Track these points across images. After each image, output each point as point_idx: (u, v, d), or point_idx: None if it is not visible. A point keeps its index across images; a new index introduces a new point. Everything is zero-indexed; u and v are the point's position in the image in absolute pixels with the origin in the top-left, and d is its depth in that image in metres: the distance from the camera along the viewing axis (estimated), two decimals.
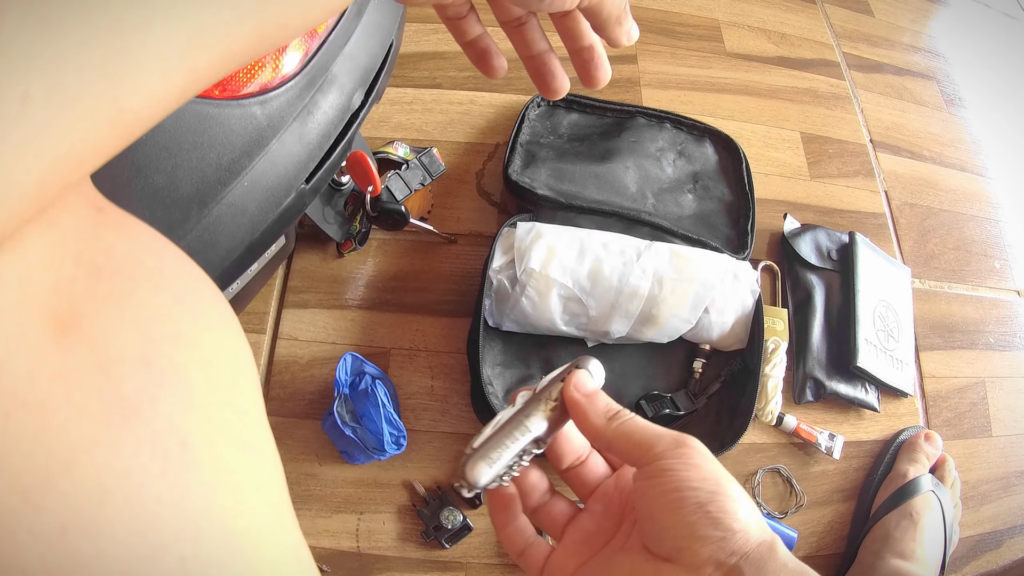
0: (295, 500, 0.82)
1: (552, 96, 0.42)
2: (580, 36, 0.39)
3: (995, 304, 1.20)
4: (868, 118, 1.34)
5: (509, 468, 0.40)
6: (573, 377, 0.40)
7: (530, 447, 0.40)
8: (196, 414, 0.25)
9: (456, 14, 0.40)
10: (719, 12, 1.39)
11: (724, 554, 0.33)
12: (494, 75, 0.42)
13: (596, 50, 0.39)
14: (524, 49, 0.41)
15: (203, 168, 0.53)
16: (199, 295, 0.28)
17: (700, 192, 1.07)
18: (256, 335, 0.92)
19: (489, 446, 0.39)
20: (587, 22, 0.38)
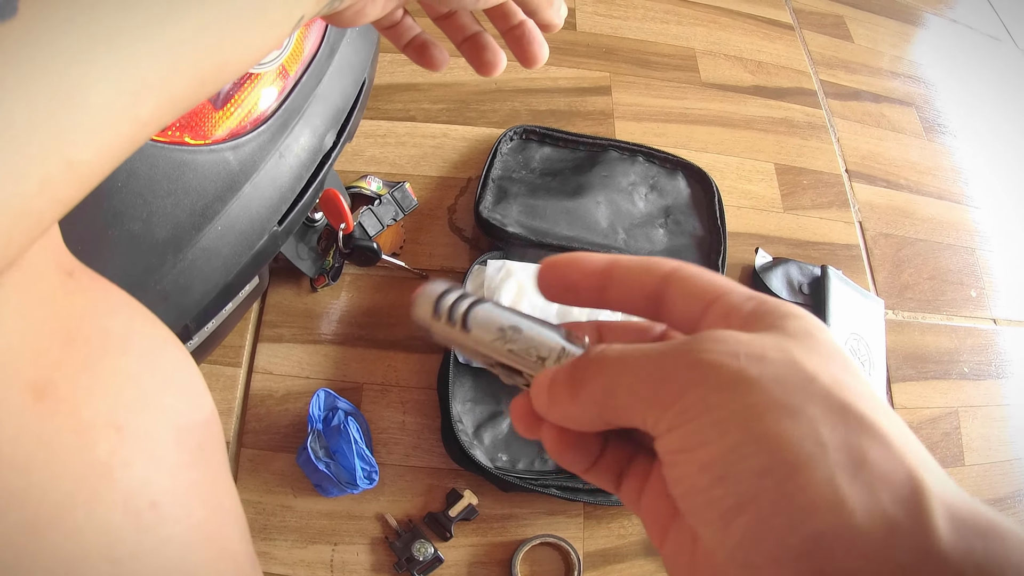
0: (272, 531, 0.84)
1: (488, 72, 0.42)
2: (511, 15, 0.40)
3: (970, 333, 1.21)
4: (844, 147, 1.35)
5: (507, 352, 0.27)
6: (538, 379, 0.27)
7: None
8: (165, 475, 0.27)
9: (391, 22, 0.41)
10: (695, 41, 1.40)
11: None
12: (437, 67, 0.42)
13: (528, 25, 0.40)
14: (458, 35, 0.42)
15: (177, 214, 0.55)
16: (165, 357, 0.30)
17: (671, 227, 1.08)
18: (232, 368, 0.93)
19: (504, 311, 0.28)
20: (515, 6, 0.39)
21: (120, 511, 0.25)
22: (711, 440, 0.20)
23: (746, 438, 0.19)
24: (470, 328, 0.27)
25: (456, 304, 0.27)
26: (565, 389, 0.24)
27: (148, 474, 0.26)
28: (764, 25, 1.49)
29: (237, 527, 0.31)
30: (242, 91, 0.60)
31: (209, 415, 0.31)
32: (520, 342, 0.27)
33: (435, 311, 0.27)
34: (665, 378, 0.21)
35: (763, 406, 0.20)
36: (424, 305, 0.28)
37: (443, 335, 0.28)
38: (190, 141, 0.56)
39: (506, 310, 0.27)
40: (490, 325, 0.27)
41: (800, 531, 0.18)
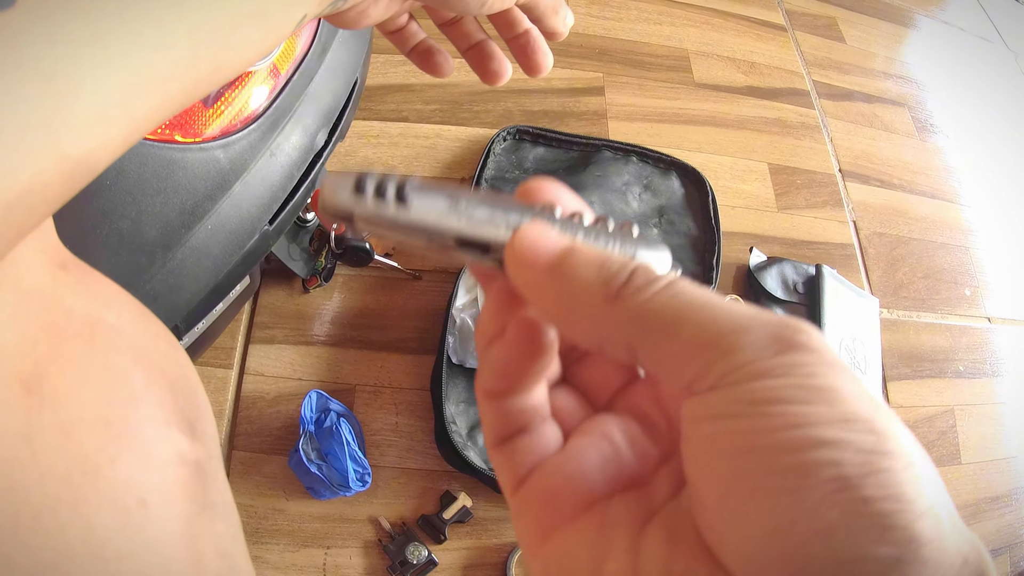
0: (263, 534, 0.83)
1: (494, 81, 0.41)
2: (516, 24, 0.40)
3: (965, 332, 1.21)
4: (837, 147, 1.35)
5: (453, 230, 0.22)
6: (529, 233, 0.21)
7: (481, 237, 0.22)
8: (154, 472, 0.26)
9: (396, 27, 0.41)
10: (688, 42, 1.40)
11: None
12: (441, 74, 0.42)
13: (533, 34, 0.40)
14: (463, 42, 0.41)
15: (167, 213, 0.54)
16: (157, 352, 0.29)
17: (666, 226, 1.08)
18: (223, 370, 0.93)
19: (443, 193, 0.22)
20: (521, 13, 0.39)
21: (107, 509, 0.24)
22: (799, 400, 0.16)
23: (855, 414, 0.16)
24: (409, 201, 0.22)
25: (385, 180, 0.22)
26: (598, 285, 0.20)
27: (137, 471, 0.26)
28: (757, 26, 1.49)
29: (228, 526, 0.30)
30: (233, 89, 0.60)
31: (202, 412, 0.31)
32: (482, 209, 0.22)
33: (358, 189, 0.22)
34: (764, 329, 0.18)
35: (874, 399, 0.17)
36: (342, 187, 0.22)
37: (372, 218, 0.22)
38: (180, 139, 0.56)
39: (430, 184, 0.22)
40: (435, 195, 0.22)
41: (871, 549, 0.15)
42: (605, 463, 0.22)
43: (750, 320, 0.18)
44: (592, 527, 0.21)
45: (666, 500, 0.21)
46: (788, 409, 0.16)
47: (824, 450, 0.16)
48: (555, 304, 0.21)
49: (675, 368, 0.19)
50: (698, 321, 0.18)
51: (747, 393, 0.17)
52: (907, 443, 0.16)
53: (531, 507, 0.22)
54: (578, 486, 0.22)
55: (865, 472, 0.15)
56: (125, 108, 0.23)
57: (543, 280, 0.20)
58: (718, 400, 0.18)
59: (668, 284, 0.19)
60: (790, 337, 0.18)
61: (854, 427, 0.16)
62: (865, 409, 0.17)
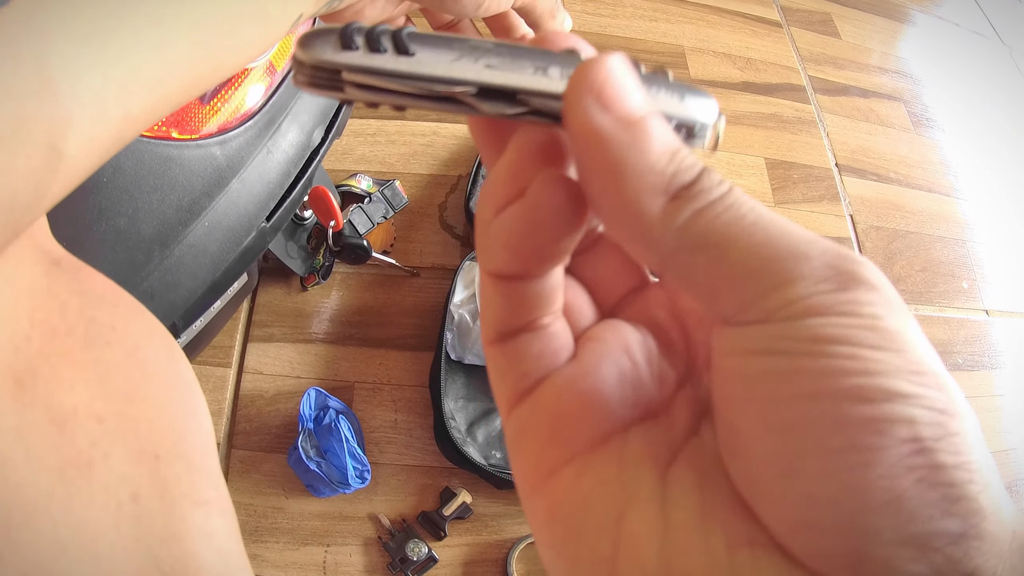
0: (263, 533, 0.83)
1: None
2: (512, 29, 0.40)
3: (963, 324, 1.21)
4: (834, 142, 1.35)
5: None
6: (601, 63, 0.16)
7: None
8: (147, 467, 0.26)
9: None
10: (684, 38, 1.40)
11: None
12: None
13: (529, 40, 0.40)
14: None
15: (164, 210, 0.54)
16: (150, 348, 0.29)
17: None
18: (222, 369, 0.92)
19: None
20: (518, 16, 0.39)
21: (100, 505, 0.24)
22: (868, 344, 0.14)
23: (925, 365, 0.14)
24: (412, 50, 0.17)
25: (376, 30, 0.17)
26: (663, 176, 0.16)
27: (130, 467, 0.25)
28: (752, 22, 1.49)
29: (225, 522, 0.30)
30: (229, 87, 0.60)
31: (197, 407, 0.31)
32: (499, 56, 0.17)
33: (345, 43, 0.17)
34: (823, 258, 0.15)
35: (933, 350, 0.15)
36: (323, 40, 0.17)
37: (367, 73, 0.17)
38: (177, 136, 0.56)
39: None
40: (442, 41, 0.17)
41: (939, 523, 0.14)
42: (623, 383, 0.19)
43: (809, 245, 0.15)
44: (610, 464, 0.18)
45: (686, 436, 0.19)
46: (858, 351, 0.14)
47: (899, 404, 0.14)
48: (607, 171, 0.16)
49: (717, 293, 0.16)
50: (750, 242, 0.15)
51: (808, 330, 0.15)
52: (965, 403, 0.15)
53: (536, 431, 0.19)
54: (595, 410, 0.19)
55: (939, 435, 0.14)
56: (121, 106, 0.23)
57: (615, 135, 0.16)
58: (770, 335, 0.15)
59: (725, 194, 0.16)
60: (854, 271, 0.15)
61: (926, 380, 0.14)
62: (932, 360, 0.15)
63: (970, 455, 0.14)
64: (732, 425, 0.16)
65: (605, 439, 0.19)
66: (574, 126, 0.16)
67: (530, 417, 0.19)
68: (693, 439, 0.18)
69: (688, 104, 0.18)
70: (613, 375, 0.19)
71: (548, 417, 0.19)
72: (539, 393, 0.19)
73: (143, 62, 0.23)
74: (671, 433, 0.19)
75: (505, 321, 0.20)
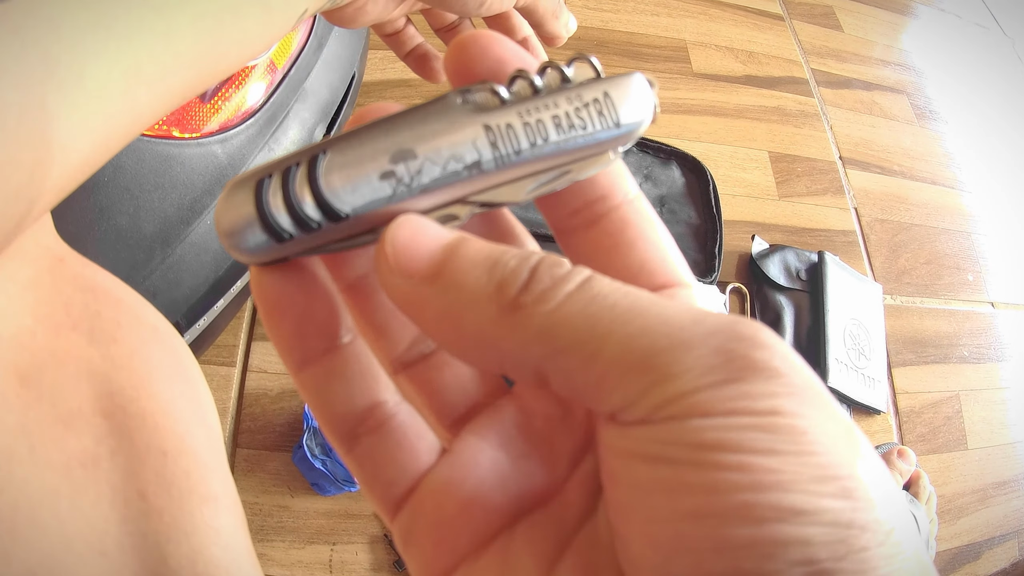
0: (269, 532, 0.82)
1: None
2: (513, 31, 0.40)
3: (968, 317, 1.21)
4: (837, 135, 1.35)
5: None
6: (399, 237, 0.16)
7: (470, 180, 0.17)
8: (154, 464, 0.26)
9: (394, 29, 0.41)
10: (686, 32, 1.40)
11: None
12: (437, 78, 0.42)
13: (531, 42, 0.40)
14: None
15: (165, 208, 0.54)
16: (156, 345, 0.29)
17: (667, 216, 1.08)
18: (226, 368, 0.92)
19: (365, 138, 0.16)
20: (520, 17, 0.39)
21: (107, 501, 0.24)
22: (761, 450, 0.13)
23: (829, 468, 0.13)
24: (342, 210, 0.16)
25: (291, 194, 0.16)
26: (489, 293, 0.15)
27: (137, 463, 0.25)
28: (754, 16, 1.49)
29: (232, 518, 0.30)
30: (230, 85, 0.59)
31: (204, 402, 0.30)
32: (425, 162, 0.16)
33: (271, 229, 0.16)
34: (709, 343, 0.14)
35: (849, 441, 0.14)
36: (247, 227, 0.16)
37: (302, 252, 0.17)
38: (178, 135, 0.56)
39: (345, 145, 0.16)
40: (366, 177, 0.16)
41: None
42: (504, 479, 0.18)
43: (692, 328, 0.14)
44: (492, 568, 0.17)
45: (582, 519, 0.17)
46: (748, 460, 0.13)
47: (792, 524, 0.12)
48: (438, 322, 0.16)
49: (597, 393, 0.14)
50: (624, 334, 0.14)
51: (692, 434, 0.13)
52: (886, 502, 0.13)
53: (421, 540, 0.18)
54: (476, 512, 0.18)
55: (840, 554, 0.12)
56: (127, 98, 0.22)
57: (422, 290, 0.16)
58: (654, 439, 0.14)
59: (582, 284, 0.15)
60: (745, 354, 0.14)
61: (826, 488, 0.13)
62: (840, 458, 0.13)
63: (878, 571, 0.12)
64: (619, 532, 0.15)
65: (491, 539, 0.18)
66: (391, 298, 0.16)
67: (412, 524, 0.18)
68: (588, 522, 0.17)
69: (620, 110, 0.17)
70: (492, 473, 0.18)
71: (429, 525, 0.18)
72: (417, 499, 0.18)
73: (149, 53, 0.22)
74: (562, 520, 0.17)
75: (339, 418, 0.19)
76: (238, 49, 0.26)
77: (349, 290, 0.19)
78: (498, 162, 0.16)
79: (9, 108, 0.19)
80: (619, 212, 0.19)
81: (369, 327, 0.19)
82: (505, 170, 0.17)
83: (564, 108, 0.17)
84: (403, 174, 0.16)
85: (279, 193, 0.16)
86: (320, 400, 0.19)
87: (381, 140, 0.16)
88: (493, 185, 0.17)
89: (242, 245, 0.16)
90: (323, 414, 0.19)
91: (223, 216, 0.16)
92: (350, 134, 0.16)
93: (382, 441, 0.19)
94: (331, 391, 0.19)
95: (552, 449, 0.19)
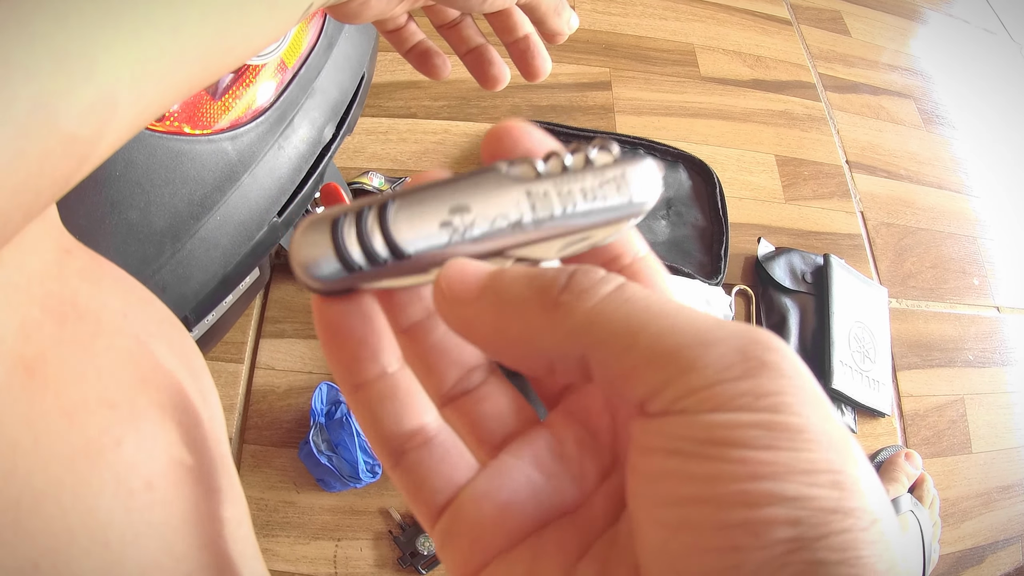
0: (274, 527, 0.83)
1: (492, 86, 0.41)
2: (515, 28, 0.39)
3: (974, 321, 1.21)
4: (844, 139, 1.35)
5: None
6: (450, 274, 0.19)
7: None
8: (160, 456, 0.26)
9: (395, 26, 0.41)
10: (694, 36, 1.40)
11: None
12: (438, 75, 0.42)
13: (532, 39, 0.40)
14: (461, 46, 0.41)
15: (176, 203, 0.55)
16: (162, 337, 0.29)
17: (673, 218, 1.08)
18: (234, 364, 0.93)
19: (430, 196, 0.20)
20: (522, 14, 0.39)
21: (111, 493, 0.24)
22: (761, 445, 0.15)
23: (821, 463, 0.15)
24: (407, 250, 0.19)
25: (364, 232, 0.19)
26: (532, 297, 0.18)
27: (142, 454, 0.25)
28: (762, 20, 1.49)
29: (236, 512, 0.30)
30: (240, 82, 0.60)
31: (209, 396, 0.30)
32: (477, 217, 0.20)
33: (344, 260, 0.19)
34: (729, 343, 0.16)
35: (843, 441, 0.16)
36: (323, 257, 0.19)
37: (369, 284, 0.20)
38: (189, 131, 0.56)
39: (411, 197, 0.20)
40: (427, 225, 0.20)
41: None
42: (536, 492, 0.20)
43: (715, 330, 0.16)
44: (522, 562, 0.19)
45: (605, 526, 0.19)
46: (748, 455, 0.15)
47: (781, 507, 0.14)
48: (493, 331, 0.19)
49: (628, 383, 0.17)
50: (656, 329, 0.16)
51: (703, 428, 0.15)
52: (873, 497, 0.15)
53: (459, 539, 0.20)
54: (510, 518, 0.20)
55: (822, 533, 0.14)
56: (135, 90, 0.22)
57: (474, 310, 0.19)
58: (670, 429, 0.16)
59: (618, 287, 0.18)
60: (760, 355, 0.16)
61: (818, 479, 0.15)
62: (833, 455, 0.15)
63: (859, 550, 0.14)
64: (636, 518, 0.17)
65: (522, 540, 0.20)
66: (448, 324, 0.20)
67: (451, 527, 0.21)
68: (611, 529, 0.19)
69: (634, 187, 0.21)
70: (526, 485, 0.20)
71: (468, 527, 0.20)
72: (458, 504, 0.21)
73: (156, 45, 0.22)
74: (587, 526, 0.19)
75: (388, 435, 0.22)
76: (245, 43, 0.26)
77: (404, 334, 0.22)
78: (536, 222, 0.20)
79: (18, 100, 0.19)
80: (633, 267, 0.22)
81: (421, 366, 0.22)
82: (541, 229, 0.20)
83: (589, 183, 0.20)
84: (458, 225, 0.20)
85: (353, 231, 0.19)
86: (371, 418, 0.22)
87: (442, 196, 0.20)
88: (529, 242, 0.20)
89: (316, 273, 0.19)
90: (373, 431, 0.22)
91: (300, 247, 0.19)
92: (414, 189, 0.20)
93: (427, 456, 0.21)
94: (381, 411, 0.22)
95: (581, 468, 0.21)
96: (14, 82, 0.19)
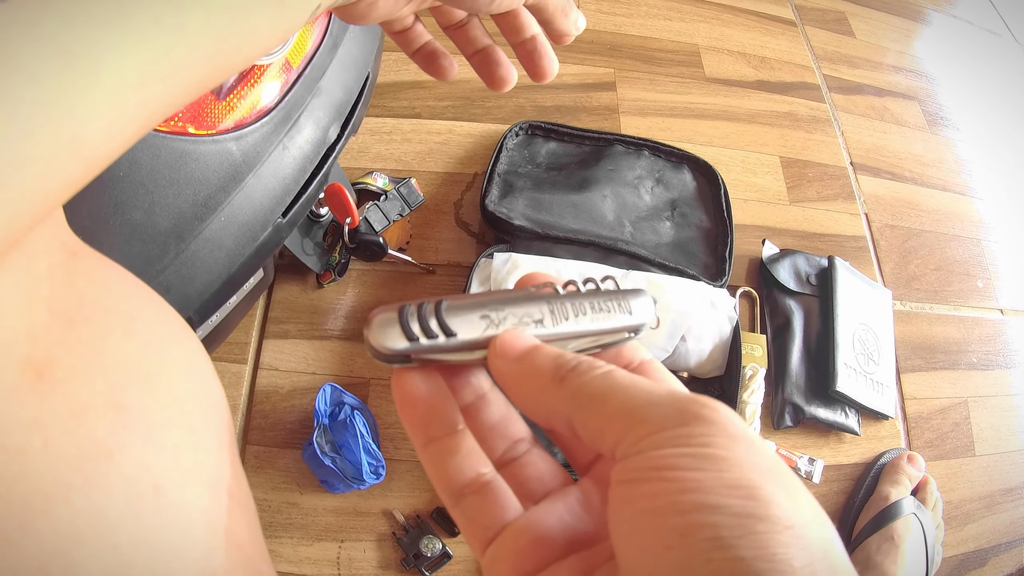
0: (277, 528, 0.83)
1: (500, 87, 0.41)
2: (522, 28, 0.39)
3: (978, 323, 1.21)
4: (848, 140, 1.35)
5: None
6: (506, 337, 0.26)
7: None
8: (168, 458, 0.26)
9: (402, 27, 0.40)
10: (698, 37, 1.40)
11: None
12: (445, 76, 0.42)
13: (539, 40, 0.39)
14: (468, 47, 0.41)
15: (180, 204, 0.54)
16: (169, 338, 0.29)
17: (678, 219, 1.08)
18: (237, 365, 0.93)
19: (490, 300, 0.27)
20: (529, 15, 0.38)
21: (120, 495, 0.24)
22: (689, 467, 0.19)
23: (739, 481, 0.19)
24: (454, 330, 0.25)
25: (423, 315, 0.25)
26: (550, 370, 0.24)
27: (150, 457, 0.25)
28: (766, 21, 1.49)
29: (244, 515, 0.30)
30: (245, 82, 0.60)
31: (216, 398, 0.30)
32: (508, 314, 0.27)
33: (408, 333, 0.25)
34: (672, 404, 0.21)
35: (767, 467, 0.20)
36: (391, 332, 0.25)
37: (425, 354, 0.25)
38: (193, 131, 0.56)
39: (459, 299, 0.26)
40: (470, 316, 0.26)
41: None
42: (565, 529, 0.25)
43: (664, 396, 0.22)
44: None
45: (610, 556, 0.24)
46: (679, 475, 0.19)
47: (704, 513, 0.18)
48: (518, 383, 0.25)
49: (602, 436, 0.22)
50: (622, 397, 0.22)
51: (649, 460, 0.20)
52: (788, 509, 0.19)
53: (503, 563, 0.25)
54: (543, 548, 0.25)
55: (740, 534, 0.18)
56: (141, 92, 0.22)
57: (513, 366, 0.25)
58: (630, 465, 0.21)
59: (605, 371, 0.24)
60: (695, 411, 0.21)
61: (734, 493, 0.19)
62: (751, 476, 0.19)
63: (773, 549, 0.18)
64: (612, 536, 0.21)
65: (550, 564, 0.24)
66: (495, 372, 0.26)
67: (497, 554, 0.25)
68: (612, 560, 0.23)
69: (632, 308, 0.29)
70: (557, 525, 0.25)
71: (510, 554, 0.25)
72: (502, 537, 0.25)
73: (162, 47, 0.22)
74: (597, 556, 0.24)
75: (451, 482, 0.26)
76: (251, 44, 0.26)
77: (464, 410, 0.28)
78: (554, 322, 0.27)
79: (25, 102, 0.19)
80: (641, 367, 0.28)
81: (477, 436, 0.28)
82: (557, 327, 0.27)
83: (597, 302, 0.28)
84: (494, 317, 0.26)
85: (415, 316, 0.25)
86: (438, 469, 0.27)
87: (483, 300, 0.26)
88: (550, 338, 0.27)
89: (386, 343, 0.25)
90: (439, 478, 0.27)
91: (375, 328, 0.25)
92: (464, 295, 0.26)
93: (482, 500, 0.26)
94: (447, 463, 0.27)
95: (602, 516, 0.26)
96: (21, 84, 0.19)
